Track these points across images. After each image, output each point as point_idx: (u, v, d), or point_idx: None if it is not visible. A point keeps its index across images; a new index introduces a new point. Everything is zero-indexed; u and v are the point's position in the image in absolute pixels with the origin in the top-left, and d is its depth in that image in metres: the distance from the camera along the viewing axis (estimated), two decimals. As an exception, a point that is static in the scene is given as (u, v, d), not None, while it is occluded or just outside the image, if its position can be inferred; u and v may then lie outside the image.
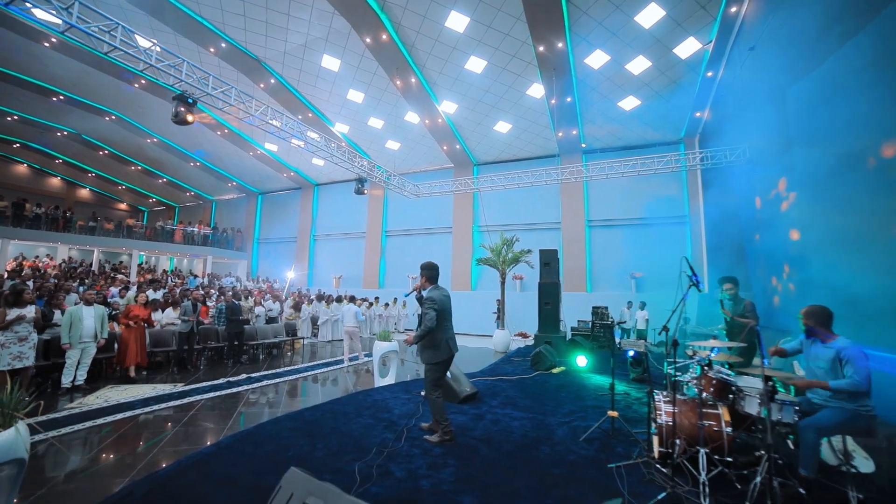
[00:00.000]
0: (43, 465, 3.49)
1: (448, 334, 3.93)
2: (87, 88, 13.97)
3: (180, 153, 18.64)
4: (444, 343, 3.85)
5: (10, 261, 16.93)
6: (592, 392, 5.99)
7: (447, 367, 4.05)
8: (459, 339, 4.22)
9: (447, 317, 3.94)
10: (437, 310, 3.77)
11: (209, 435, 4.30)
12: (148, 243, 19.39)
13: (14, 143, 19.54)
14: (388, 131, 15.25)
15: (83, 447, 3.95)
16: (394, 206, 18.50)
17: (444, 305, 3.90)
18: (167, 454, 3.71)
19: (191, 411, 5.21)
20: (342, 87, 13.05)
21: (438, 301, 3.83)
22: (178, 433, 4.34)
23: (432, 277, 4.04)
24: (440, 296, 3.90)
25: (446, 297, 4.00)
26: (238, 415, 5.05)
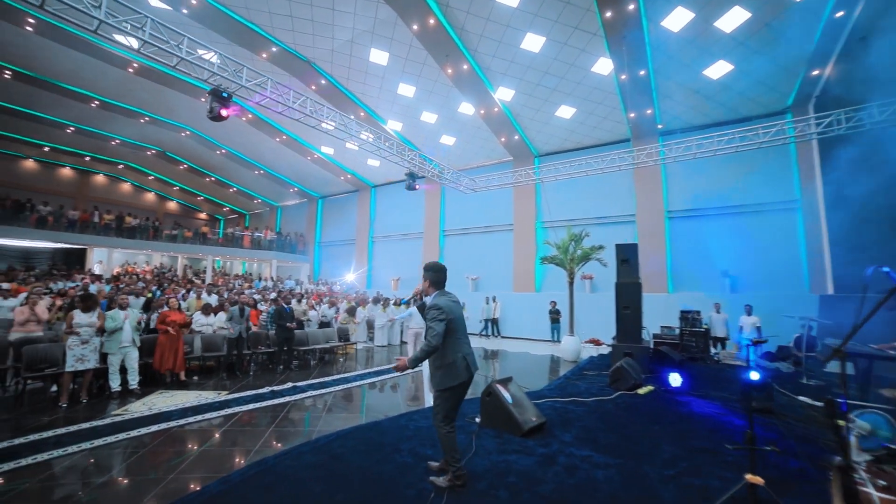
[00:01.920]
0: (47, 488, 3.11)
1: (465, 350, 3.12)
2: (165, 107, 14.98)
3: (245, 162, 19.55)
4: (460, 362, 3.04)
5: (117, 267, 18.92)
6: (698, 426, 4.60)
7: (464, 392, 3.18)
8: (524, 345, 3.30)
9: (460, 328, 3.15)
10: (446, 320, 2.98)
11: (227, 461, 3.77)
12: (221, 249, 20.64)
13: (119, 164, 21.91)
14: (442, 125, 14.55)
15: (97, 467, 3.58)
16: (451, 205, 17.78)
17: (453, 312, 3.10)
18: (172, 488, 3.19)
19: (223, 426, 4.80)
20: (392, 82, 12.57)
21: (447, 309, 3.03)
22: (198, 456, 3.86)
23: (438, 281, 3.26)
24: (448, 302, 3.11)
25: (456, 304, 3.21)
26: (269, 434, 4.52)
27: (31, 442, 4.13)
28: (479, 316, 14.39)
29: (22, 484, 3.27)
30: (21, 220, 15.49)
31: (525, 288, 14.89)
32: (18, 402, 5.60)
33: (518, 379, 8.01)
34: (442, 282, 3.25)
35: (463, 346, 3.11)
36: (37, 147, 18.99)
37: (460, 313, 3.19)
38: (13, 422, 4.86)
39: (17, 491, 3.16)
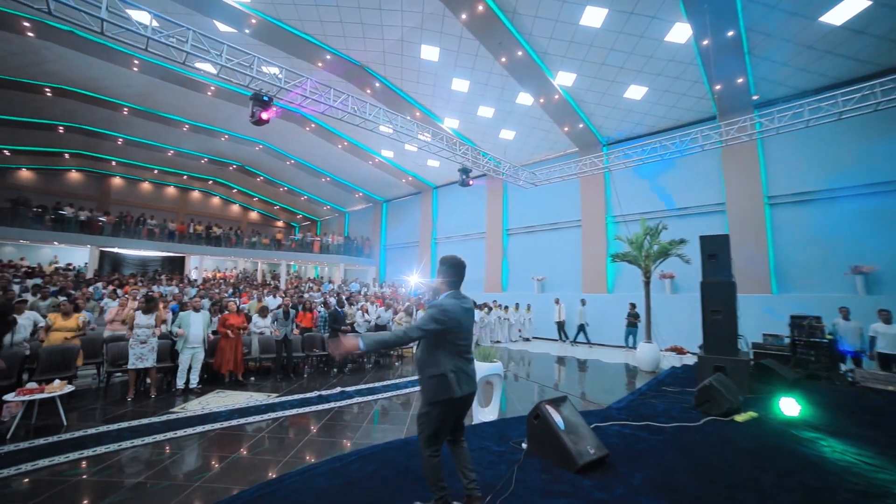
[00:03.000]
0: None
1: (459, 365, 2.58)
2: (239, 124, 16.23)
3: (313, 171, 20.59)
4: (449, 376, 2.51)
5: (207, 272, 21.13)
6: (836, 481, 3.19)
7: (460, 412, 2.65)
8: (595, 351, 2.60)
9: (462, 339, 2.63)
10: (442, 327, 2.50)
11: (251, 473, 3.59)
12: (293, 254, 22.04)
13: (208, 180, 24.52)
14: (499, 119, 13.87)
15: (124, 470, 3.60)
16: (514, 203, 16.97)
17: (459, 321, 2.59)
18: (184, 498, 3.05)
19: (262, 432, 4.72)
20: (445, 78, 12.21)
21: (450, 313, 2.53)
22: (225, 467, 3.74)
23: (453, 279, 2.73)
24: (456, 307, 2.60)
25: (467, 312, 2.70)
26: (303, 444, 4.32)
27: (93, 434, 4.36)
28: (559, 318, 13.35)
29: (61, 479, 3.37)
30: (137, 233, 17.86)
31: (596, 289, 13.60)
32: (104, 393, 6.15)
33: (583, 388, 7.24)
34: (458, 281, 2.72)
35: (458, 359, 2.57)
36: (149, 170, 21.91)
37: (469, 324, 2.69)
38: (90, 412, 5.33)
39: (53, 485, 3.25)
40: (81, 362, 6.20)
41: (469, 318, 2.69)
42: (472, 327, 2.77)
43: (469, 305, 2.73)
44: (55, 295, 8.58)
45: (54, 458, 3.90)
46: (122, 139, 17.32)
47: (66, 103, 14.21)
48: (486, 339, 12.95)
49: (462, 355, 2.60)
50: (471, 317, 2.73)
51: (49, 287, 9.57)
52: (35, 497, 3.15)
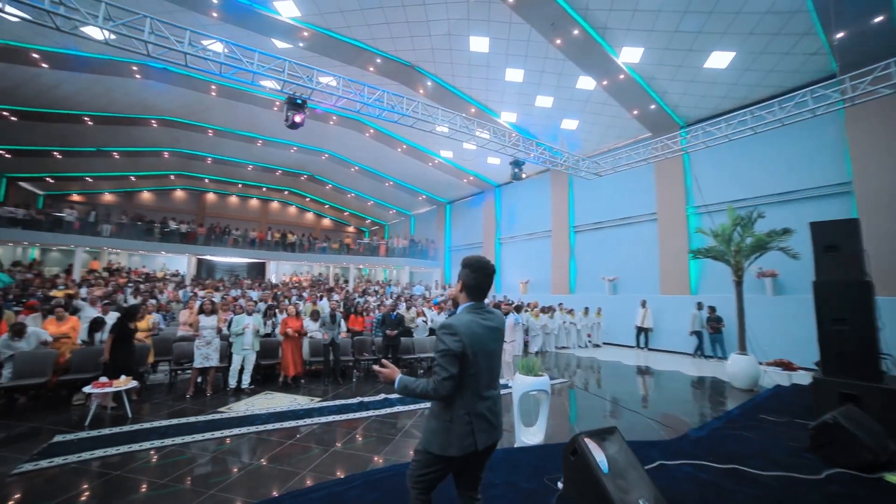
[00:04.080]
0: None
1: (473, 404, 1.91)
2: (304, 135, 17.15)
3: (376, 176, 21.14)
4: (461, 422, 1.87)
5: (285, 276, 22.84)
6: None
7: (464, 469, 2.01)
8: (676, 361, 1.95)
9: (481, 370, 1.93)
10: (458, 354, 1.84)
11: (265, 486, 3.43)
12: (360, 258, 22.87)
13: (284, 190, 26.58)
14: (560, 108, 12.86)
15: (158, 468, 3.64)
16: (581, 198, 15.71)
17: (478, 344, 1.90)
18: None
19: (291, 438, 4.62)
20: (498, 70, 11.59)
21: (464, 336, 1.86)
22: (244, 474, 3.65)
23: (476, 286, 2.04)
24: (473, 325, 1.92)
25: (490, 332, 2.00)
26: (327, 455, 4.11)
27: (143, 430, 4.59)
28: (635, 322, 12.01)
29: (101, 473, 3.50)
30: (224, 242, 19.87)
31: (676, 289, 11.92)
32: (169, 389, 6.63)
33: (655, 408, 6.15)
34: (482, 288, 2.04)
35: (474, 398, 1.92)
36: (234, 185, 24.38)
37: (493, 347, 2.01)
38: (153, 406, 5.72)
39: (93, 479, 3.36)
40: (153, 360, 6.75)
41: (493, 340, 2.01)
42: (498, 352, 2.07)
43: (494, 323, 2.03)
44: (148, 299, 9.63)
45: (108, 450, 4.15)
46: (210, 158, 19.42)
47: (167, 131, 16.25)
48: (550, 345, 12.01)
49: (481, 393, 1.93)
50: (496, 338, 2.03)
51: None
52: (67, 489, 3.27)
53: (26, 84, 12.05)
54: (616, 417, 5.65)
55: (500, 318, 2.09)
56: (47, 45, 10.32)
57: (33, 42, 10.27)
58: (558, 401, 6.62)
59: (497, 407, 2.02)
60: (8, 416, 5.32)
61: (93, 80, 12.18)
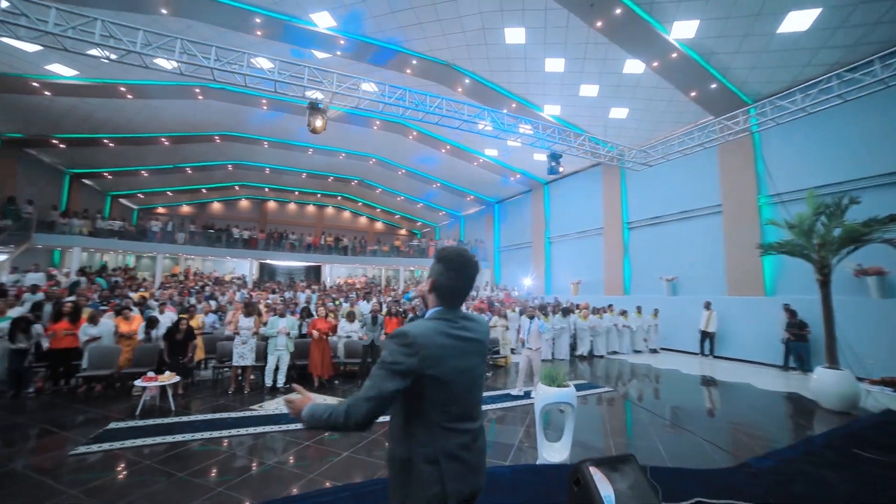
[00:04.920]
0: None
1: (444, 442, 1.44)
2: (350, 141, 17.76)
3: (423, 178, 21.29)
4: (424, 469, 1.40)
5: (341, 278, 23.87)
6: None
7: None
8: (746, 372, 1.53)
9: (453, 393, 1.47)
10: (403, 372, 1.38)
11: (272, 487, 3.45)
12: (409, 260, 23.21)
13: (337, 196, 27.77)
14: (607, 96, 11.99)
15: (182, 461, 3.84)
16: (635, 191, 14.59)
17: (445, 361, 1.45)
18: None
19: (310, 440, 4.64)
20: (536, 61, 11.07)
21: (426, 349, 1.41)
22: (257, 474, 3.74)
23: (450, 288, 1.56)
24: (440, 336, 1.47)
25: (464, 344, 1.52)
26: (339, 459, 4.07)
27: (179, 423, 4.89)
28: (705, 328, 10.71)
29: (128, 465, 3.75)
30: (281, 246, 21.21)
31: (746, 290, 10.56)
32: (213, 385, 7.08)
33: (713, 427, 5.38)
34: (458, 292, 1.56)
35: (444, 434, 1.44)
36: (291, 193, 25.98)
37: (468, 364, 1.52)
38: (196, 400, 6.12)
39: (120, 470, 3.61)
40: (202, 356, 7.26)
41: (470, 356, 1.53)
42: (479, 371, 1.58)
43: (472, 334, 1.55)
44: (207, 300, 10.46)
45: (146, 440, 4.51)
46: (268, 168, 20.82)
47: (229, 145, 17.68)
48: (600, 348, 11.23)
49: (451, 425, 1.45)
50: (474, 352, 1.55)
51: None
52: (101, 475, 3.53)
53: (117, 114, 13.73)
54: (663, 435, 5.03)
55: (481, 327, 1.62)
56: (130, 78, 11.65)
57: (121, 77, 11.64)
58: (597, 412, 6.08)
59: (478, 444, 1.53)
60: (85, 402, 6.01)
61: (165, 105, 13.56)
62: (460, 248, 1.61)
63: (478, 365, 1.59)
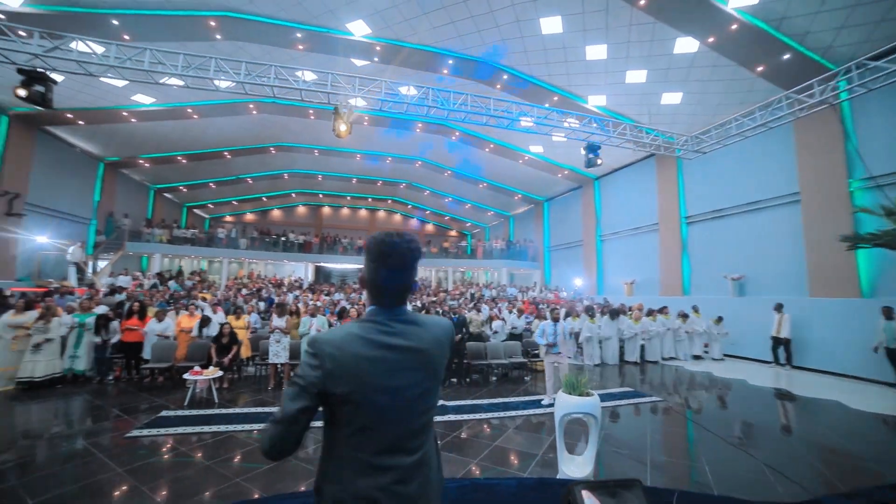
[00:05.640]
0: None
1: (359, 481, 1.15)
2: (395, 145, 18.14)
3: (469, 179, 21.18)
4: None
5: None
6: None
7: None
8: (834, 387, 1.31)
9: (376, 419, 1.18)
10: (307, 388, 1.14)
11: (283, 482, 3.52)
12: (456, 261, 23.20)
13: (387, 199, 28.56)
14: (657, 81, 11.07)
15: (211, 450, 4.06)
16: (694, 183, 13.33)
17: (361, 377, 1.17)
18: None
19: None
20: (576, 50, 10.51)
21: (337, 361, 1.15)
22: (274, 467, 3.81)
23: (378, 283, 1.28)
24: (360, 345, 1.19)
25: (395, 355, 1.21)
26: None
27: (216, 415, 5.22)
28: (777, 333, 9.40)
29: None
30: (335, 250, 22.23)
31: (836, 290, 9.14)
32: (256, 381, 7.51)
33: (780, 450, 4.67)
34: (388, 287, 1.29)
35: (363, 471, 1.16)
36: (344, 198, 27.15)
37: (399, 382, 1.21)
38: (238, 394, 6.49)
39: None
40: (248, 354, 7.74)
41: (403, 371, 1.22)
42: (418, 390, 1.23)
43: (409, 342, 1.24)
44: (257, 302, 11.21)
45: (187, 429, 4.89)
46: (320, 175, 21.93)
47: (284, 155, 18.91)
48: (655, 353, 10.37)
49: (373, 460, 1.17)
50: (411, 367, 1.23)
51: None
52: (143, 457, 3.86)
53: (186, 133, 15.28)
54: (714, 455, 4.45)
55: (428, 332, 1.29)
56: (194, 100, 12.89)
57: (187, 100, 12.93)
58: (640, 424, 5.58)
59: (413, 486, 1.19)
60: (149, 390, 6.67)
61: (225, 122, 14.82)
62: (385, 233, 1.30)
63: (417, 382, 1.23)
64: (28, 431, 4.95)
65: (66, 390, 6.64)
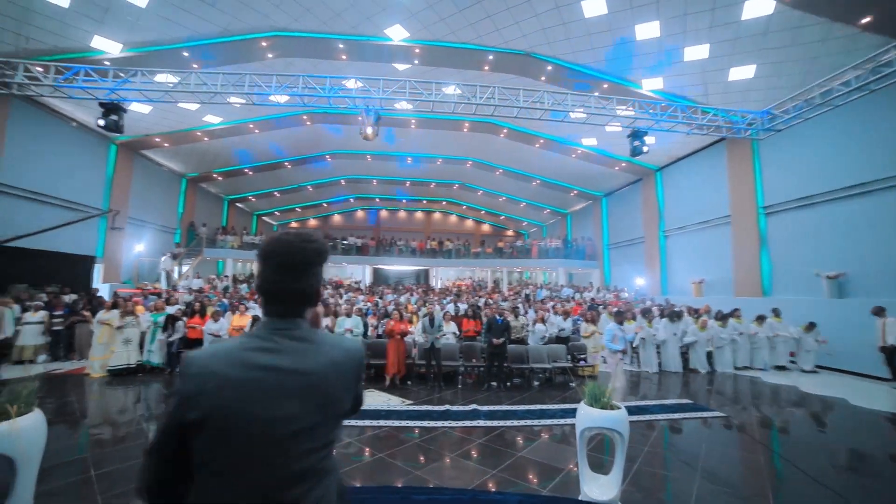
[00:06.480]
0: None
1: None
2: (448, 145, 18.16)
3: (521, 176, 20.59)
4: None
5: (450, 281, 24.61)
6: None
7: None
8: None
9: (244, 455, 0.94)
10: (174, 416, 0.97)
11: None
12: (513, 261, 22.69)
13: (442, 201, 28.79)
14: (722, 55, 9.85)
15: None
16: (773, 167, 11.68)
17: (232, 404, 0.95)
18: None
19: (351, 438, 4.75)
20: (624, 30, 9.70)
21: (205, 384, 0.96)
22: None
23: (260, 287, 1.10)
24: (236, 364, 0.99)
25: (275, 377, 0.98)
26: (368, 462, 4.07)
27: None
28: (883, 342, 7.75)
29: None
30: (391, 252, 22.86)
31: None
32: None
33: (877, 495, 3.82)
34: (277, 292, 1.10)
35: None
36: (399, 201, 27.87)
37: (277, 412, 0.96)
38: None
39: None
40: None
41: (285, 401, 0.98)
42: (299, 425, 0.98)
43: (293, 363, 1.02)
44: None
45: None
46: (375, 180, 22.70)
47: (339, 162, 19.87)
48: (725, 362, 9.23)
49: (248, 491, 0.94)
50: (296, 395, 0.99)
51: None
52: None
53: (250, 147, 16.67)
54: (788, 489, 3.78)
55: (321, 355, 1.07)
56: (254, 116, 14.01)
57: (248, 116, 14.10)
58: (693, 442, 4.94)
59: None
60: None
61: (283, 134, 15.91)
62: (282, 231, 1.16)
63: (297, 415, 0.98)
64: (120, 409, 5.99)
65: (144, 379, 7.53)
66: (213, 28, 9.73)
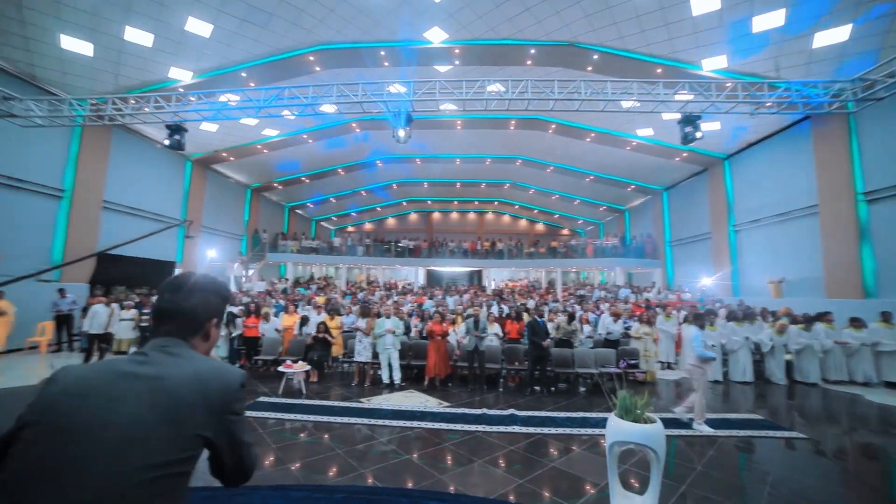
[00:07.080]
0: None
1: None
2: (495, 144, 17.91)
3: (574, 172, 19.72)
4: None
5: (503, 282, 24.30)
6: None
7: None
8: None
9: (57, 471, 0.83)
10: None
11: (310, 478, 3.66)
12: (567, 261, 21.84)
13: (493, 202, 28.48)
14: (798, 21, 8.64)
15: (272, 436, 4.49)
16: (874, 146, 10.03)
17: (55, 404, 0.91)
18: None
19: (383, 436, 4.80)
20: (678, 7, 8.87)
21: (45, 389, 0.94)
22: (315, 460, 4.03)
23: (155, 310, 1.15)
24: (86, 370, 0.99)
25: (114, 381, 0.95)
26: (394, 462, 4.07)
27: (294, 404, 5.76)
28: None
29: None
30: (443, 254, 23.04)
31: None
32: (342, 377, 8.13)
33: None
34: (160, 313, 1.14)
35: None
36: (450, 203, 28.04)
37: (120, 419, 0.89)
38: (324, 388, 7.13)
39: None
40: (341, 352, 8.45)
41: (127, 401, 0.91)
42: (139, 428, 0.89)
43: (153, 370, 0.99)
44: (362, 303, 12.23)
45: (271, 414, 5.56)
46: (426, 183, 23.04)
47: (389, 167, 20.44)
48: (813, 373, 8.07)
49: None
50: (141, 398, 0.92)
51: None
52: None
53: (306, 156, 17.73)
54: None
55: (188, 366, 1.02)
56: (308, 126, 14.87)
57: (302, 127, 14.99)
58: (758, 467, 4.36)
59: None
60: (262, 378, 7.78)
61: (334, 143, 16.69)
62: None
63: (141, 419, 0.90)
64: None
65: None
66: (265, 48, 10.48)
